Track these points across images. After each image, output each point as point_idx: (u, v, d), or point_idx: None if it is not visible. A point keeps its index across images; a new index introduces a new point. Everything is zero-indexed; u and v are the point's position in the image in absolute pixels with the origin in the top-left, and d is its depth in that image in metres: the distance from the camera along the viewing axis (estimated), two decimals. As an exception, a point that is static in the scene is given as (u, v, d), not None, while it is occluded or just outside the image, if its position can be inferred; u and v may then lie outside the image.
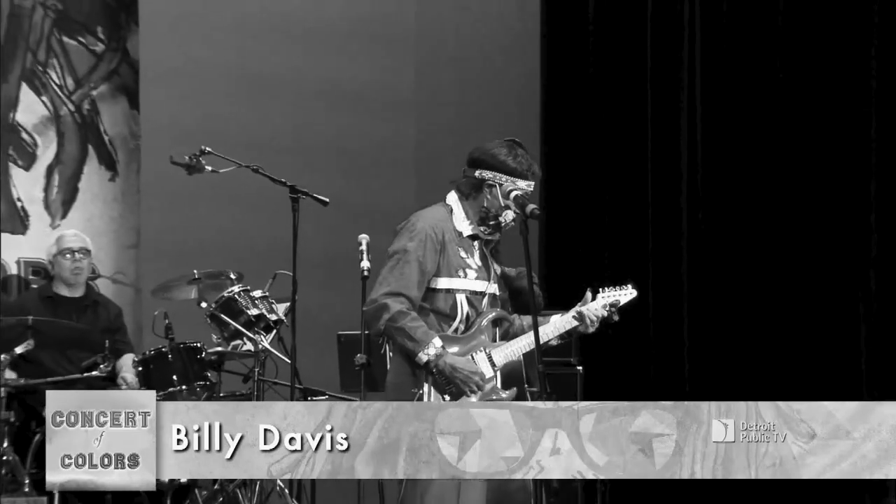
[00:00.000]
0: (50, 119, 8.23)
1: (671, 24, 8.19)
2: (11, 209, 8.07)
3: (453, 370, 4.75)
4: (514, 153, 4.89)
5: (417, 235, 4.82)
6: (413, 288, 4.78)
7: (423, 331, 4.74)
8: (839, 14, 7.76)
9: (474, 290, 4.91)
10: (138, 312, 7.88)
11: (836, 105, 7.76)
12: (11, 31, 8.13)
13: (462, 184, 4.93)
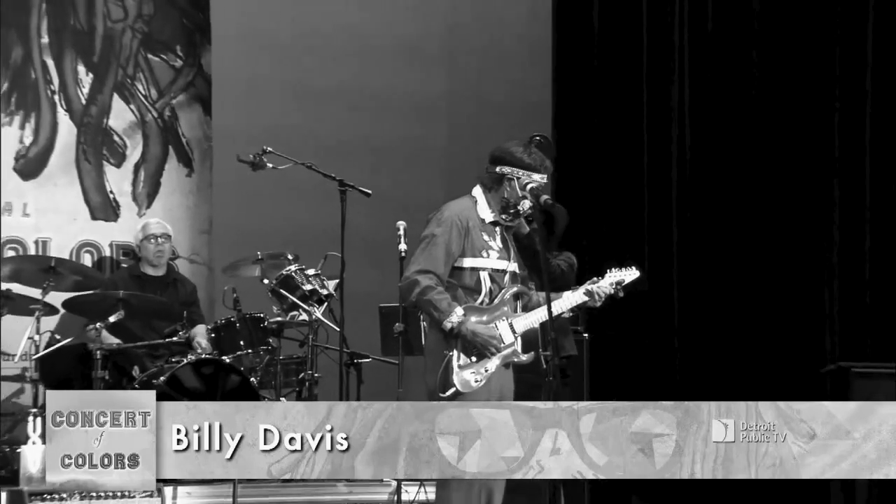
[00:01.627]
0: (137, 124, 8.23)
1: (663, 41, 8.14)
2: (105, 200, 8.08)
3: (474, 335, 4.73)
4: (529, 151, 4.90)
5: (444, 223, 4.82)
6: (440, 266, 4.77)
7: (448, 302, 4.73)
8: (806, 29, 7.64)
9: (496, 268, 4.88)
10: (211, 288, 7.90)
11: (803, 108, 7.67)
12: (105, 50, 8.13)
13: (485, 178, 4.92)
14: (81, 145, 8.06)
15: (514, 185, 4.83)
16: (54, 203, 7.92)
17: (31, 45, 7.95)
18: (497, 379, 4.80)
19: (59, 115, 8.01)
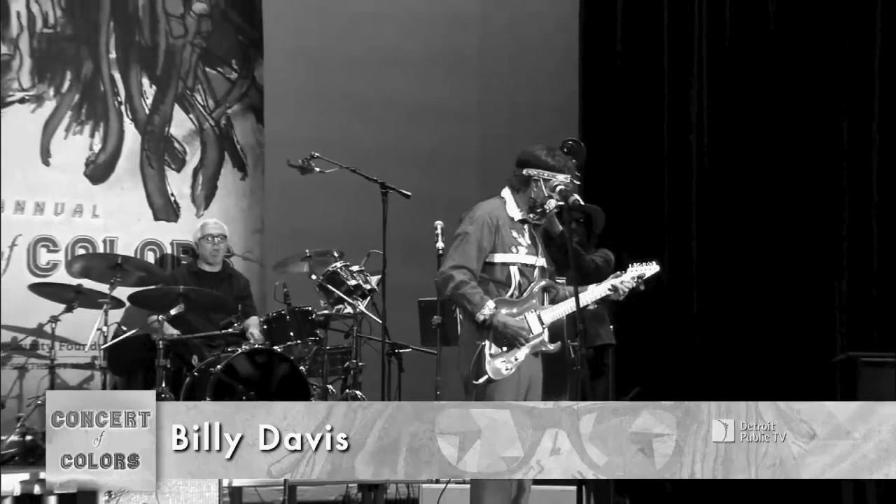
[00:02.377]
0: (195, 132, 8.26)
1: (683, 51, 8.06)
2: (166, 202, 8.11)
3: (504, 326, 4.72)
4: (553, 154, 4.89)
5: (476, 221, 4.81)
6: (473, 262, 4.77)
7: (480, 296, 4.72)
8: (815, 42, 7.57)
9: (525, 263, 4.87)
10: (263, 283, 7.90)
11: (812, 114, 7.58)
12: (167, 64, 8.16)
13: (513, 180, 4.91)
14: (145, 152, 8.09)
15: (540, 185, 4.81)
16: (121, 205, 7.95)
17: (101, 61, 7.98)
18: (526, 367, 4.79)
19: (125, 125, 8.04)
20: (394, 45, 8.68)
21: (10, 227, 7.61)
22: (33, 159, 7.74)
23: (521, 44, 8.94)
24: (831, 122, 7.47)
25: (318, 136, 7.57)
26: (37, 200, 7.75)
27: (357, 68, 8.59)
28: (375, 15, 8.68)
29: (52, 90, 7.86)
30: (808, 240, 7.51)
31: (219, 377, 6.34)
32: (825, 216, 7.47)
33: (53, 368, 6.61)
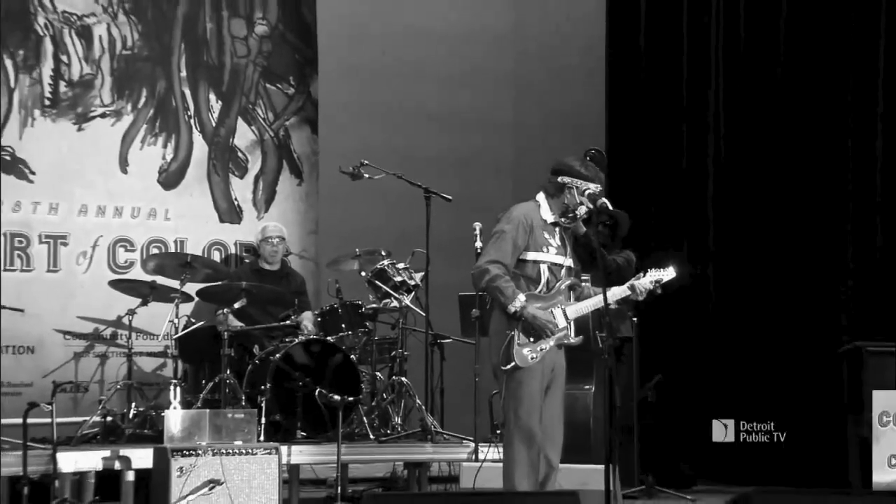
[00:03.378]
0: (257, 142, 8.26)
1: (701, 62, 8.00)
2: (230, 206, 8.11)
3: (534, 318, 4.71)
4: (585, 164, 4.88)
5: (512, 221, 4.81)
6: (507, 258, 4.76)
7: (512, 290, 4.71)
8: (822, 51, 7.49)
9: (555, 262, 4.86)
10: (317, 279, 7.88)
11: (820, 116, 7.50)
12: (232, 81, 8.16)
13: (548, 186, 4.90)
14: (212, 161, 8.10)
15: (573, 192, 4.80)
16: (190, 209, 7.96)
17: (173, 79, 8.00)
18: (550, 357, 4.78)
19: (194, 136, 8.05)
20: (436, 62, 8.66)
21: (92, 229, 7.66)
22: (113, 168, 7.78)
23: (553, 60, 8.89)
24: (838, 121, 7.38)
25: (367, 146, 7.55)
26: (116, 205, 7.78)
27: (402, 83, 8.58)
28: (419, 34, 8.66)
29: (129, 106, 7.88)
30: (817, 238, 7.43)
31: (278, 365, 6.34)
32: (832, 217, 7.39)
33: (131, 356, 6.61)
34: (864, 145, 7.32)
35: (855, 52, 7.34)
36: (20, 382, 7.23)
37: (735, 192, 7.80)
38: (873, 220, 7.26)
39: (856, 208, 7.30)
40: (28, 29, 7.57)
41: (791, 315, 7.39)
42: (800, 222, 7.49)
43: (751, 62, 7.79)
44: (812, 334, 7.26)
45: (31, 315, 7.09)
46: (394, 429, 6.59)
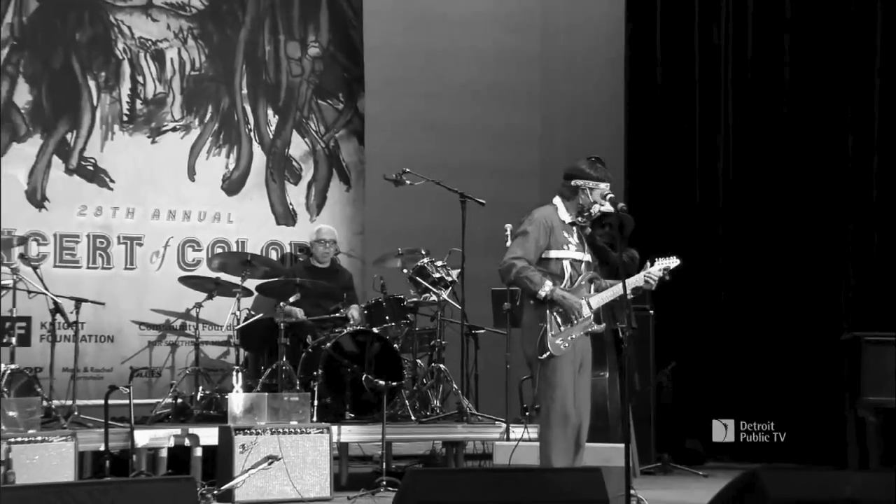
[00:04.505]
0: (309, 152, 8.26)
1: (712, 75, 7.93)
2: (286, 210, 8.12)
3: (563, 299, 4.70)
4: (595, 167, 4.84)
5: (534, 223, 4.80)
6: (531, 254, 4.75)
7: (540, 276, 4.70)
8: (824, 59, 7.40)
9: (575, 259, 4.83)
10: (363, 276, 7.85)
11: (823, 121, 7.41)
12: (287, 98, 8.17)
13: (563, 190, 4.87)
14: (269, 169, 8.11)
15: (586, 193, 4.76)
16: (250, 212, 7.98)
17: (235, 96, 8.02)
18: (579, 344, 4.76)
19: (253, 147, 8.07)
20: (470, 80, 8.62)
21: (164, 231, 7.71)
22: (182, 176, 7.82)
23: (576, 77, 8.83)
24: (838, 127, 7.30)
25: (409, 155, 7.51)
26: (185, 210, 7.83)
27: (440, 99, 8.54)
28: (455, 56, 8.62)
29: (197, 120, 7.92)
30: (820, 236, 7.35)
31: (328, 353, 6.34)
32: (831, 218, 7.30)
33: (198, 345, 6.61)
34: (861, 149, 7.23)
35: (852, 68, 7.25)
36: (101, 368, 7.31)
37: (744, 195, 7.73)
38: (871, 221, 7.17)
39: (855, 209, 7.21)
40: (109, 53, 7.64)
41: (795, 307, 7.33)
42: (804, 221, 7.42)
43: (757, 73, 7.71)
44: (816, 324, 7.18)
45: (111, 308, 7.16)
46: (433, 411, 6.57)
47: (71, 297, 6.37)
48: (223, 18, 8.01)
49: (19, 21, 7.40)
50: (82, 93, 7.57)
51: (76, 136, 7.55)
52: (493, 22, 8.76)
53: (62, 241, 7.45)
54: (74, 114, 7.54)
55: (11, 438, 4.92)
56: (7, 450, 4.83)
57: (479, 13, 8.73)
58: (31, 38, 7.42)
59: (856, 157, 7.23)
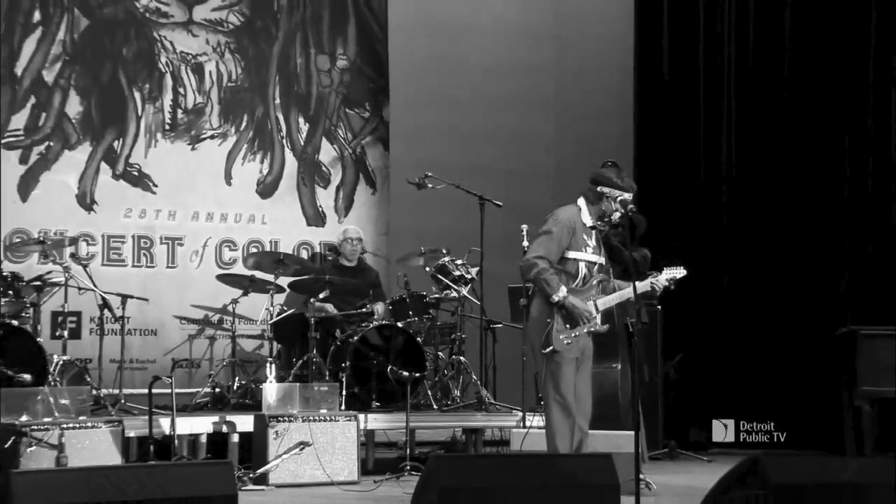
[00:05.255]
0: (338, 158, 8.27)
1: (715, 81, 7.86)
2: (316, 212, 8.14)
3: (574, 307, 4.69)
4: (620, 176, 4.85)
5: (559, 223, 4.77)
6: (553, 255, 4.73)
7: (556, 281, 4.68)
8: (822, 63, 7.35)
9: (591, 261, 4.81)
10: (388, 273, 7.84)
11: (821, 123, 7.33)
12: (317, 107, 8.18)
13: (588, 194, 4.84)
14: (300, 174, 8.13)
15: (609, 201, 4.75)
16: (282, 214, 8.00)
17: (269, 105, 8.04)
18: (581, 341, 4.77)
19: (286, 154, 8.09)
20: (488, 89, 8.58)
21: (203, 232, 7.75)
22: (219, 181, 7.85)
23: (587, 86, 8.79)
24: (835, 132, 7.24)
25: (431, 160, 7.49)
26: (222, 212, 7.85)
27: (460, 107, 8.52)
28: (474, 66, 8.60)
29: (233, 128, 7.95)
30: (817, 237, 7.30)
31: (356, 346, 6.35)
32: (830, 218, 7.24)
33: (234, 338, 6.63)
34: (857, 154, 7.18)
35: (849, 72, 7.18)
36: (145, 359, 7.35)
37: (747, 197, 7.68)
38: (866, 222, 7.10)
39: (852, 211, 7.15)
40: (153, 67, 7.68)
41: (794, 303, 7.28)
42: (802, 224, 7.36)
43: (759, 81, 7.65)
44: (813, 319, 7.13)
45: (154, 304, 7.19)
46: (453, 400, 6.57)
47: (117, 294, 6.41)
48: (258, 34, 8.04)
49: (71, 38, 7.47)
50: (128, 104, 7.62)
51: (122, 143, 7.60)
52: (509, 36, 8.74)
53: (109, 242, 7.50)
54: (121, 123, 7.59)
55: (64, 424, 4.96)
56: (60, 435, 4.86)
57: (496, 28, 8.71)
58: (81, 54, 7.48)
59: (851, 160, 7.18)
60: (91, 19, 7.53)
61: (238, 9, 7.95)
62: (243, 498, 3.59)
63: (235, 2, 7.94)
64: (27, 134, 7.35)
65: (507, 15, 8.78)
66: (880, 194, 7.08)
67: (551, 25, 8.87)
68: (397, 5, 8.36)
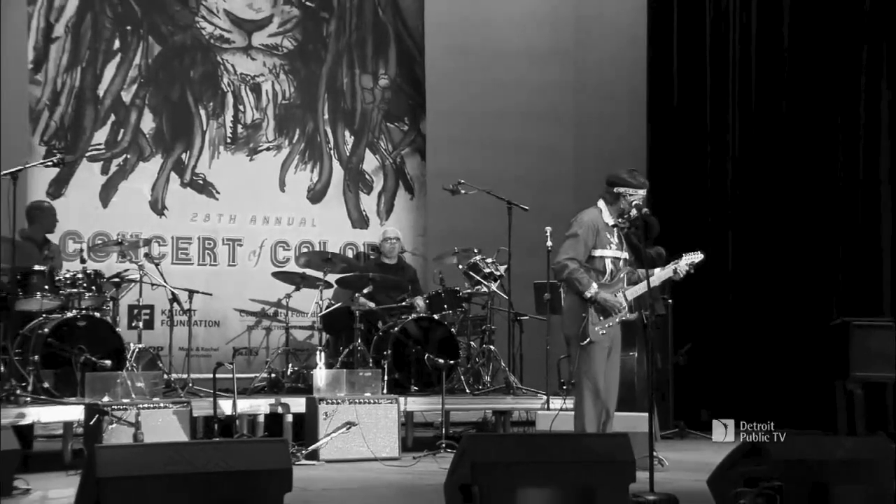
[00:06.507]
0: (379, 167, 8.31)
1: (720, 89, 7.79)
2: (360, 216, 8.19)
3: (605, 301, 4.66)
4: (633, 175, 4.79)
5: (583, 226, 4.74)
6: (581, 255, 4.71)
7: (587, 279, 4.66)
8: (820, 67, 7.24)
9: (615, 257, 4.79)
10: (425, 271, 7.87)
11: (819, 127, 7.21)
12: (361, 121, 8.22)
13: (606, 196, 4.81)
14: (346, 181, 8.18)
15: (626, 199, 4.72)
16: (330, 218, 8.05)
17: (318, 120, 8.10)
18: (613, 331, 4.74)
19: (333, 163, 8.14)
20: (515, 105, 8.56)
21: (260, 234, 7.83)
22: (274, 188, 7.93)
23: (604, 102, 8.74)
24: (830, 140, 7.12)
25: (464, 169, 7.45)
26: (276, 216, 7.93)
27: (490, 121, 8.50)
28: (503, 84, 8.56)
29: (286, 141, 8.02)
30: (813, 235, 7.20)
31: (396, 336, 6.35)
32: (827, 218, 7.15)
33: (288, 329, 6.65)
34: (850, 159, 7.07)
35: (841, 81, 7.08)
36: (210, 347, 7.45)
37: (749, 202, 7.60)
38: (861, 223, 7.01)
39: (846, 211, 7.06)
40: (216, 87, 7.79)
41: (792, 297, 7.20)
42: (800, 222, 7.27)
43: (760, 98, 7.57)
44: (809, 310, 7.04)
45: (217, 298, 7.25)
46: (484, 385, 6.55)
47: (185, 289, 6.48)
48: (309, 56, 8.11)
49: (145, 62, 7.60)
50: (194, 120, 7.73)
51: (189, 155, 7.71)
52: (534, 58, 8.70)
53: (178, 243, 7.61)
54: (188, 137, 7.70)
55: (140, 405, 5.03)
56: (137, 414, 4.93)
57: (523, 52, 8.68)
58: (154, 76, 7.60)
59: (846, 165, 7.08)
60: (163, 46, 7.65)
61: (291, 35, 8.03)
62: (297, 471, 3.61)
63: (289, 28, 8.03)
64: (107, 148, 7.48)
65: (532, 40, 8.76)
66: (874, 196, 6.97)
67: (572, 50, 8.82)
68: (434, 30, 8.38)
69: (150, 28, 7.61)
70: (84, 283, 5.71)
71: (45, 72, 7.28)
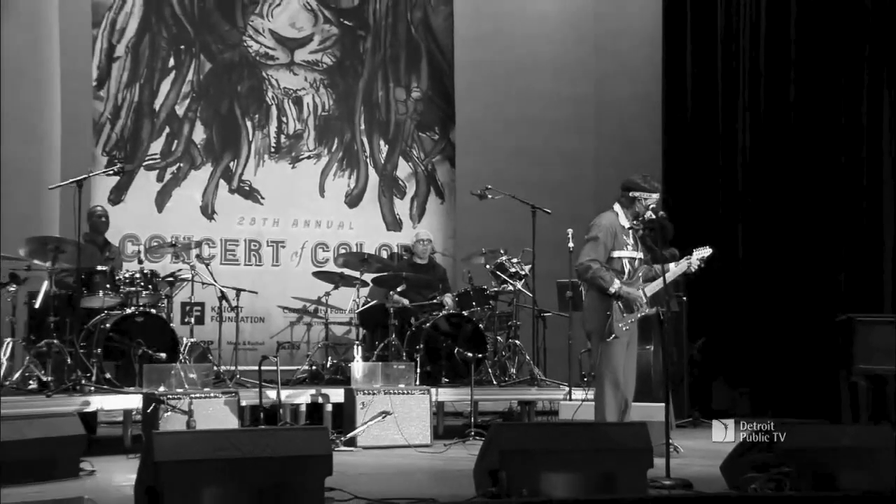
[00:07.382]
0: (412, 174, 8.34)
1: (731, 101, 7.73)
2: (394, 219, 8.22)
3: (628, 294, 4.65)
4: (647, 180, 4.77)
5: (602, 229, 4.73)
6: (601, 256, 4.69)
7: (610, 276, 4.65)
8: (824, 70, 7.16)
9: (632, 257, 4.78)
10: (454, 270, 7.89)
11: (823, 127, 7.15)
12: (395, 131, 8.25)
13: (622, 200, 4.79)
14: (381, 187, 8.22)
15: (641, 203, 4.70)
16: (366, 221, 8.09)
17: (355, 130, 8.15)
18: (631, 327, 4.73)
19: (369, 170, 8.18)
20: (539, 115, 8.56)
21: (301, 236, 7.88)
22: (315, 193, 7.98)
23: (623, 112, 8.70)
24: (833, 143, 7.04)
25: (491, 175, 7.47)
26: (316, 219, 7.99)
27: (516, 130, 8.49)
28: (527, 96, 8.57)
29: (326, 150, 8.08)
30: (820, 237, 7.12)
31: (428, 331, 6.35)
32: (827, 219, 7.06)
33: (327, 324, 6.68)
34: (853, 161, 6.99)
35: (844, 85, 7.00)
36: (255, 342, 7.51)
37: (758, 206, 7.53)
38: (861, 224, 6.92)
39: (850, 212, 6.97)
40: (261, 100, 7.88)
41: (799, 294, 7.13)
42: (806, 223, 7.20)
43: (769, 109, 7.50)
44: (815, 307, 6.97)
45: (262, 296, 7.30)
46: (510, 377, 6.55)
47: (233, 288, 6.54)
48: (347, 71, 8.17)
49: (197, 78, 7.72)
50: (241, 131, 7.83)
51: (237, 164, 7.81)
52: (557, 71, 8.69)
53: (226, 245, 7.71)
54: (235, 147, 7.80)
55: (192, 394, 5.11)
56: (189, 403, 5.01)
57: (546, 63, 8.68)
58: (205, 91, 7.72)
59: (847, 167, 7.00)
60: (213, 63, 7.77)
61: (331, 51, 8.10)
62: (336, 457, 3.67)
63: (328, 46, 8.10)
64: (162, 157, 7.62)
65: (555, 55, 8.74)
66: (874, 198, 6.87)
67: (592, 64, 8.80)
68: (462, 46, 8.41)
69: (202, 47, 7.73)
70: (141, 282, 5.82)
71: (108, 88, 7.43)
